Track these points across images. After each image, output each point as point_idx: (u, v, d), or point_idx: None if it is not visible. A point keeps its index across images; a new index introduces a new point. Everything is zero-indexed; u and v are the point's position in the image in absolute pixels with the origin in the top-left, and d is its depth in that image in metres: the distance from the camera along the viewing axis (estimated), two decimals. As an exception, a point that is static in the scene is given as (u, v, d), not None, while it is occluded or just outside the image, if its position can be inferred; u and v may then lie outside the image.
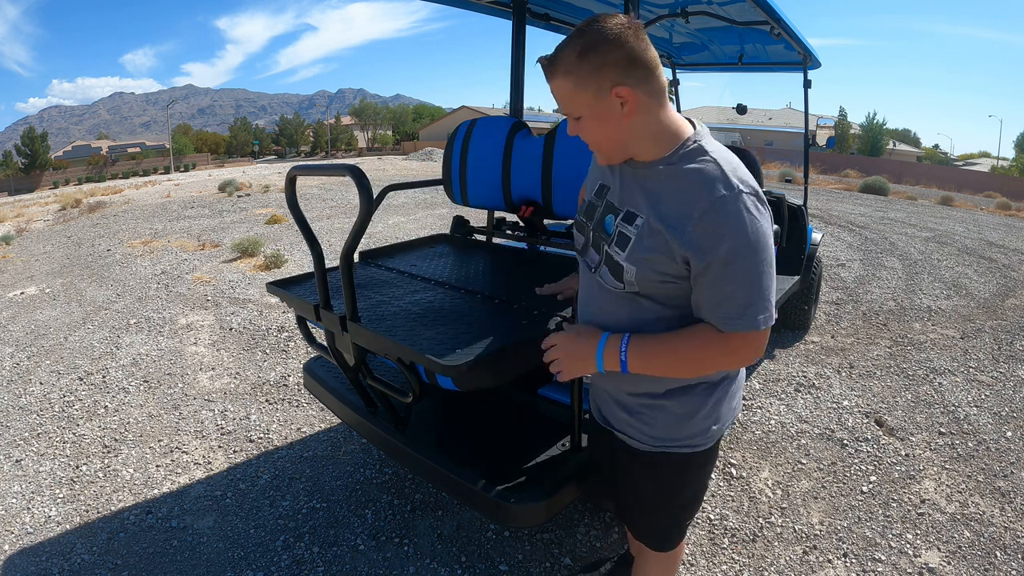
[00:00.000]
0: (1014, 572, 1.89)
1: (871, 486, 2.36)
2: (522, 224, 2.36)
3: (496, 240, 2.65)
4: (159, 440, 2.71)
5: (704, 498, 1.40)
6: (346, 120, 75.81)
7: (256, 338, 3.98)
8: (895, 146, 51.86)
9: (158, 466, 2.50)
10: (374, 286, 1.88)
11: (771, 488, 2.34)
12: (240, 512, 2.19)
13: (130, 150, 60.60)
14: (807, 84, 3.96)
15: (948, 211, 12.56)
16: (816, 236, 3.90)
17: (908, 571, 1.90)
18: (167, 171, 40.59)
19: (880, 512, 2.19)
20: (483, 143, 2.38)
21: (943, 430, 2.81)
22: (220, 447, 2.64)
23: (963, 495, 2.31)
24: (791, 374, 3.41)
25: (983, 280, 5.87)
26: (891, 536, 2.06)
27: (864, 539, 2.05)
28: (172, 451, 2.62)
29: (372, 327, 1.45)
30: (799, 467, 2.49)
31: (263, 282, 5.29)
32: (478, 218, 2.74)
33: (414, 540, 2.01)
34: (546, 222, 2.35)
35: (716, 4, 2.74)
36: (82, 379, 3.40)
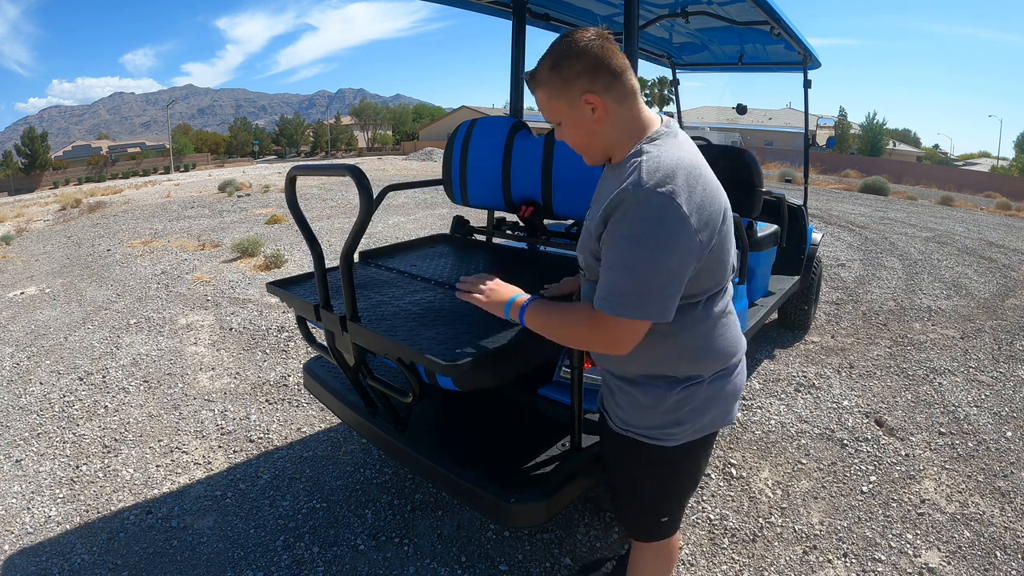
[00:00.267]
0: (1014, 572, 1.89)
1: (871, 486, 2.36)
2: (522, 224, 2.36)
3: (496, 240, 2.65)
4: (159, 440, 2.71)
5: (685, 505, 1.38)
6: (346, 120, 75.80)
7: (256, 338, 3.98)
8: (895, 146, 51.84)
9: (158, 466, 2.50)
10: (374, 286, 1.88)
11: (771, 488, 2.34)
12: (240, 512, 2.19)
13: (130, 150, 60.59)
14: (807, 84, 3.96)
15: (948, 211, 12.57)
16: (816, 236, 3.90)
17: (908, 571, 1.90)
18: (167, 171, 40.59)
19: (880, 512, 2.19)
20: (483, 143, 2.37)
21: (943, 430, 2.81)
22: (220, 447, 2.64)
23: (963, 495, 2.31)
24: (791, 374, 3.41)
25: (983, 280, 5.87)
26: (891, 536, 2.06)
27: (864, 539, 2.05)
28: (172, 451, 2.62)
29: (372, 327, 1.45)
30: (799, 467, 2.49)
31: (263, 282, 5.29)
32: (478, 218, 2.74)
33: (414, 540, 2.01)
34: (546, 222, 2.35)
35: (716, 4, 2.74)
36: (82, 379, 3.40)
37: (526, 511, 1.43)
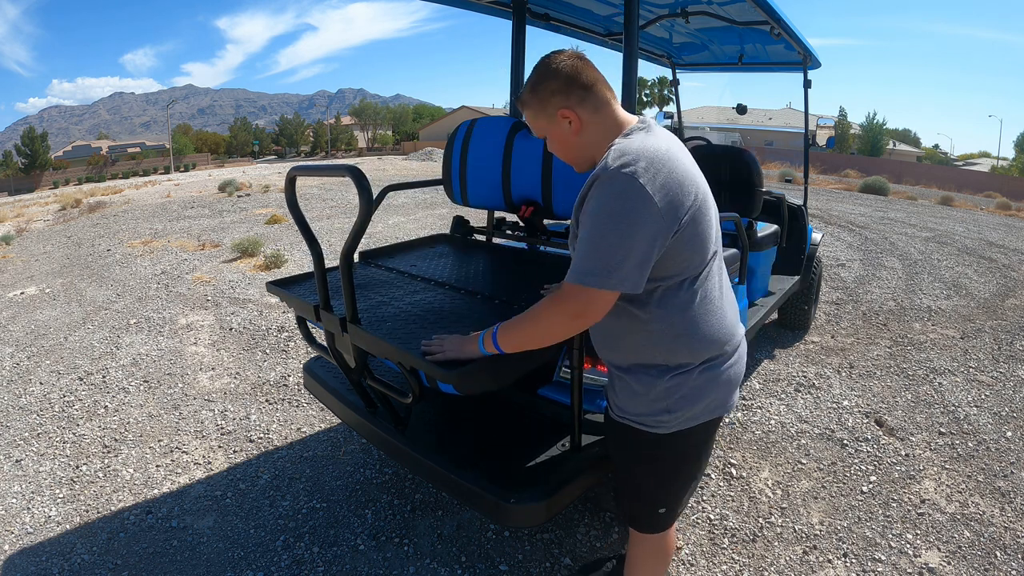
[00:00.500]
0: (1014, 572, 1.89)
1: (871, 486, 2.36)
2: (522, 224, 2.36)
3: (496, 240, 2.65)
4: (159, 440, 2.71)
5: (684, 498, 1.40)
6: (346, 120, 75.78)
7: (256, 338, 3.98)
8: (895, 146, 51.82)
9: (158, 466, 2.50)
10: (374, 286, 1.88)
11: (771, 488, 2.34)
12: (240, 512, 2.19)
13: (130, 150, 60.58)
14: (807, 84, 3.96)
15: (948, 211, 12.57)
16: (816, 236, 3.90)
17: (908, 571, 1.90)
18: (167, 171, 40.57)
19: (880, 512, 2.19)
20: (483, 143, 2.37)
21: (943, 430, 2.81)
22: (220, 447, 2.64)
23: (963, 495, 2.31)
24: (791, 374, 3.41)
25: (983, 280, 5.87)
26: (891, 536, 2.06)
27: (864, 539, 2.05)
28: (172, 451, 2.62)
29: (372, 330, 1.45)
30: (799, 467, 2.49)
31: (263, 282, 5.29)
32: (478, 218, 2.74)
33: (414, 540, 2.01)
34: (546, 222, 2.35)
35: (716, 4, 2.74)
36: (82, 379, 3.40)
37: (526, 511, 1.43)
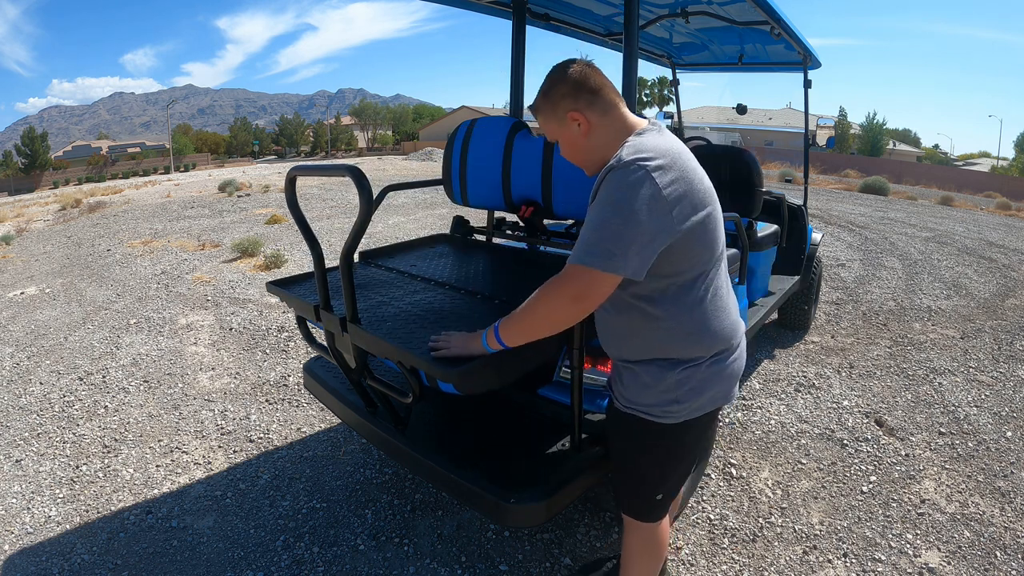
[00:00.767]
0: (1014, 572, 1.89)
1: (871, 486, 2.36)
2: (522, 224, 2.36)
3: (496, 240, 2.65)
4: (159, 440, 2.71)
5: (679, 486, 1.44)
6: (346, 120, 75.76)
7: (256, 338, 3.98)
8: (895, 146, 51.80)
9: (158, 466, 2.50)
10: (374, 286, 1.88)
11: (771, 488, 2.34)
12: (240, 512, 2.19)
13: (130, 150, 60.55)
14: (807, 84, 3.96)
15: (948, 211, 12.57)
16: (816, 236, 3.90)
17: (908, 571, 1.90)
18: (167, 171, 40.57)
19: (880, 512, 2.19)
20: (483, 143, 2.37)
21: (943, 430, 2.81)
22: (220, 447, 2.64)
23: (963, 495, 2.31)
24: (791, 374, 3.41)
25: (983, 280, 5.87)
26: (891, 536, 2.06)
27: (864, 539, 2.05)
28: (172, 451, 2.62)
29: (372, 329, 1.45)
30: (799, 467, 2.49)
31: (263, 282, 5.29)
32: (478, 218, 2.74)
33: (414, 540, 2.01)
34: (546, 222, 2.35)
35: (716, 4, 2.74)
36: (82, 379, 3.40)
37: (526, 511, 1.43)
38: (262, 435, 2.73)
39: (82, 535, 2.07)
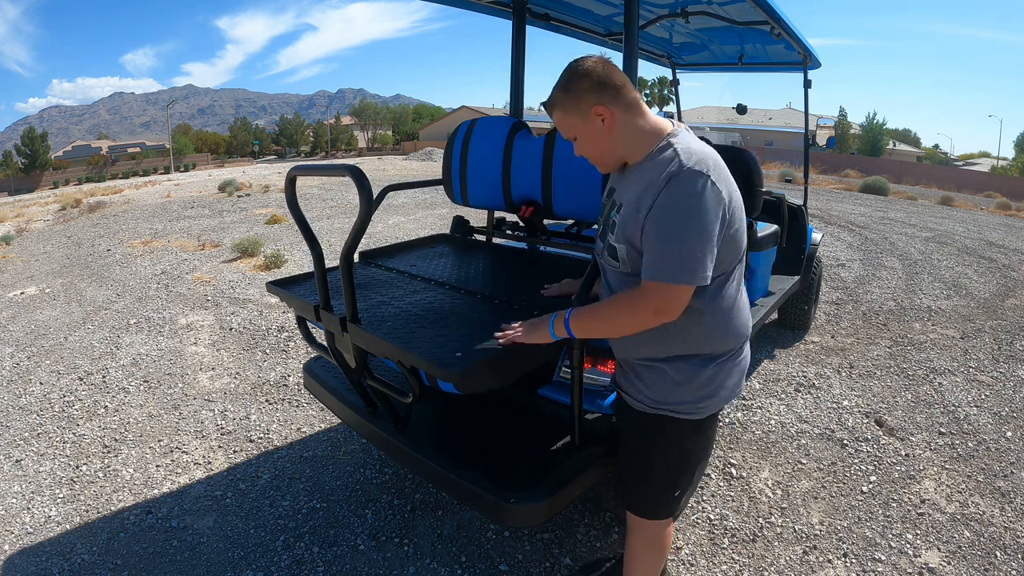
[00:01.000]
0: (1014, 572, 1.89)
1: (871, 486, 2.36)
2: (522, 224, 2.36)
3: (496, 240, 2.65)
4: (159, 440, 2.71)
5: (693, 487, 1.46)
6: (346, 120, 75.74)
7: (256, 338, 3.98)
8: (895, 146, 51.79)
9: (158, 466, 2.50)
10: (374, 286, 1.88)
11: (771, 488, 2.34)
12: (240, 512, 2.19)
13: (130, 150, 60.53)
14: (807, 84, 3.96)
15: (948, 211, 12.56)
16: (816, 236, 3.90)
17: (908, 571, 1.90)
18: (167, 171, 40.57)
19: (880, 512, 2.19)
20: (483, 143, 2.38)
21: (943, 430, 2.81)
22: (220, 447, 2.64)
23: (963, 495, 2.31)
24: (791, 374, 3.41)
25: (983, 280, 5.87)
26: (891, 536, 2.06)
27: (864, 539, 2.05)
28: (172, 451, 2.62)
29: (372, 329, 1.45)
30: (799, 467, 2.49)
31: (263, 282, 5.29)
32: (478, 218, 2.74)
33: (414, 540, 2.01)
34: (546, 222, 2.35)
35: (716, 4, 2.74)
36: (82, 379, 3.40)
37: (526, 511, 1.43)
38: (262, 435, 2.73)
39: (82, 535, 2.07)
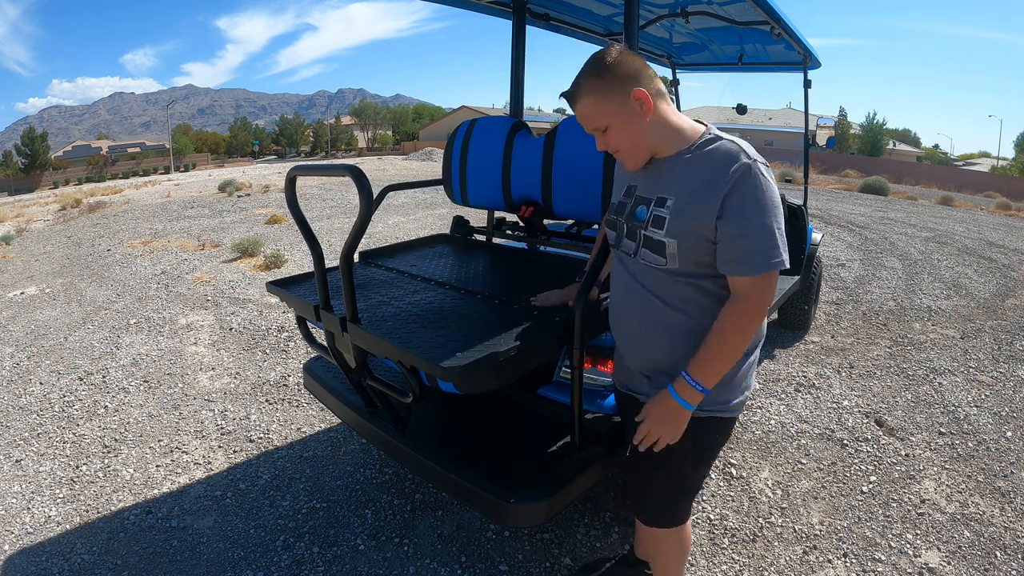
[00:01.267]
0: (1014, 572, 1.89)
1: (871, 486, 2.36)
2: (522, 224, 2.36)
3: (496, 240, 2.65)
4: (159, 440, 2.71)
5: (703, 492, 1.45)
6: (346, 120, 75.74)
7: (256, 338, 3.98)
8: (895, 146, 51.79)
9: (158, 466, 2.50)
10: (374, 286, 1.88)
11: (771, 488, 2.34)
12: (240, 512, 2.19)
13: (130, 150, 60.52)
14: (807, 84, 3.96)
15: (948, 211, 12.56)
16: (816, 236, 3.90)
17: (908, 571, 1.90)
18: (167, 171, 40.57)
19: (880, 512, 2.19)
20: (483, 143, 2.38)
21: (943, 430, 2.81)
22: (220, 447, 2.64)
23: (963, 495, 2.31)
24: (791, 374, 3.41)
25: (983, 280, 5.87)
26: (891, 536, 2.06)
27: (864, 539, 2.05)
28: (172, 451, 2.62)
29: (372, 329, 1.45)
30: (799, 467, 2.49)
31: (263, 282, 5.29)
32: (478, 218, 2.74)
33: (414, 540, 2.01)
34: (546, 222, 2.35)
35: (716, 4, 2.74)
36: (82, 379, 3.40)
37: (526, 511, 1.43)
38: (262, 435, 2.73)
39: (82, 535, 2.07)
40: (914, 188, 19.94)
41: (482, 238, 2.66)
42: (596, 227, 2.34)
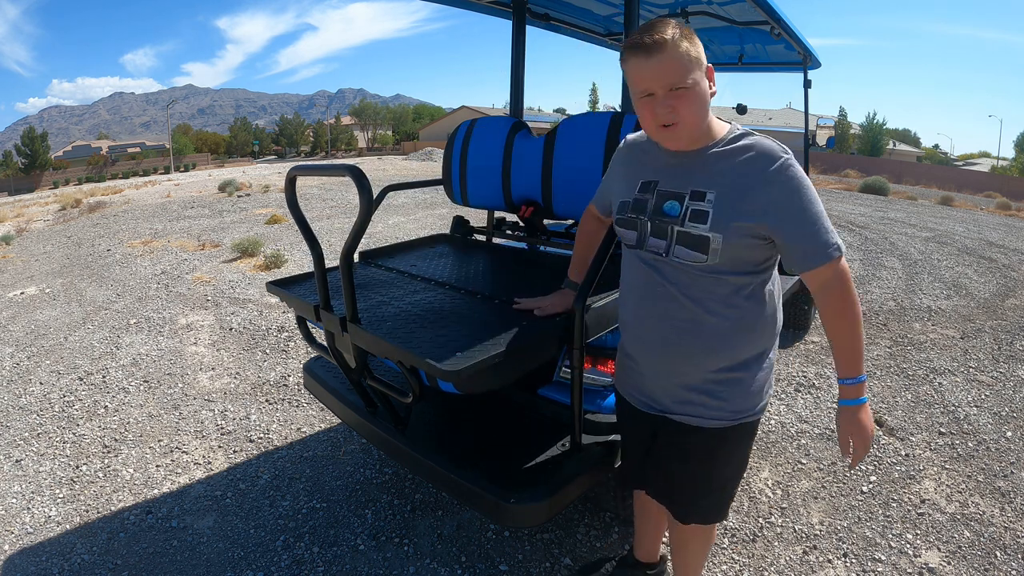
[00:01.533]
0: (1014, 572, 1.89)
1: (871, 486, 2.36)
2: (522, 224, 2.36)
3: (496, 240, 2.65)
4: (159, 440, 2.71)
5: None
6: (346, 120, 75.76)
7: (256, 338, 3.98)
8: (895, 146, 51.80)
9: (158, 466, 2.50)
10: (374, 286, 1.88)
11: (771, 488, 2.34)
12: (240, 512, 2.19)
13: (130, 150, 60.54)
14: (807, 84, 3.96)
15: (948, 211, 12.57)
16: None
17: (908, 571, 1.90)
18: (167, 171, 40.60)
19: (880, 512, 2.19)
20: (483, 143, 2.38)
21: (943, 430, 2.81)
22: (220, 447, 2.64)
23: (963, 495, 2.31)
24: (791, 374, 3.41)
25: (983, 280, 5.87)
26: (891, 536, 2.06)
27: (864, 539, 2.05)
28: (172, 451, 2.62)
29: (372, 329, 1.45)
30: (799, 467, 2.49)
31: (263, 282, 5.29)
32: (478, 218, 2.74)
33: (414, 540, 2.01)
34: (546, 222, 2.35)
35: (716, 4, 2.74)
36: (82, 379, 3.40)
37: (526, 511, 1.43)
38: (262, 435, 2.73)
39: (82, 535, 2.07)
40: (914, 188, 19.95)
41: (482, 238, 2.66)
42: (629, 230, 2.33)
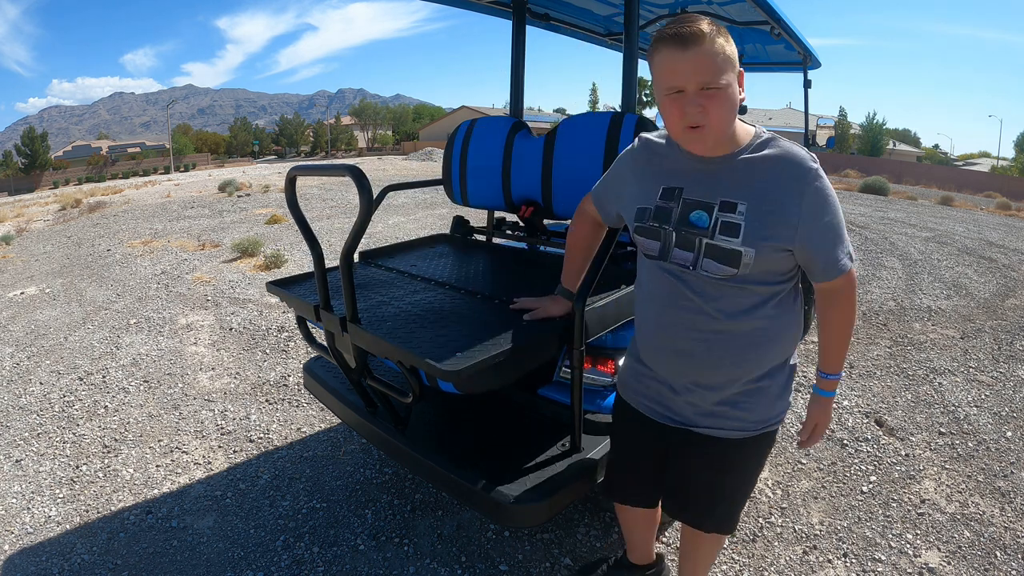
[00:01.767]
0: (1014, 572, 1.89)
1: (871, 486, 2.36)
2: (522, 224, 2.36)
3: (496, 240, 2.65)
4: (159, 440, 2.71)
5: None
6: (346, 120, 75.78)
7: (256, 338, 3.98)
8: (895, 146, 51.82)
9: (158, 466, 2.50)
10: (374, 286, 1.88)
11: (771, 488, 2.34)
12: (240, 512, 2.18)
13: (130, 150, 60.54)
14: (807, 84, 3.95)
15: (948, 211, 12.57)
16: None
17: (908, 571, 1.90)
18: (167, 171, 40.61)
19: (880, 512, 2.19)
20: (483, 143, 2.38)
21: (943, 430, 2.81)
22: (220, 447, 2.64)
23: (963, 495, 2.31)
24: (791, 374, 3.41)
25: (983, 280, 5.87)
26: (891, 536, 2.06)
27: (864, 539, 2.05)
28: (172, 451, 2.62)
29: (372, 329, 1.45)
30: (799, 467, 2.49)
31: (263, 282, 5.29)
32: (478, 218, 2.74)
33: (414, 540, 2.01)
34: (546, 222, 2.35)
35: (716, 4, 2.74)
36: (82, 379, 3.40)
37: (526, 511, 1.43)
38: (262, 435, 2.73)
39: (82, 535, 2.07)
40: (914, 188, 19.95)
41: (482, 238, 2.66)
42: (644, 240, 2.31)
